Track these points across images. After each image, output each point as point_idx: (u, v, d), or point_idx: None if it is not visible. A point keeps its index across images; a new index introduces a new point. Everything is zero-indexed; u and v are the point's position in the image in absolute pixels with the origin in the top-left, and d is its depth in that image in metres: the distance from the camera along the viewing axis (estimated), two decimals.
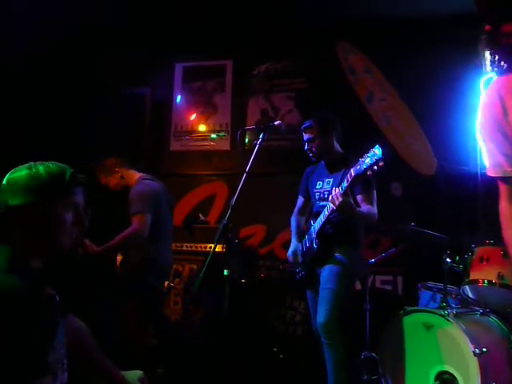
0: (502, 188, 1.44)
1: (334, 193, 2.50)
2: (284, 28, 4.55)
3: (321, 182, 2.88)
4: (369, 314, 3.29)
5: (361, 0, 4.20)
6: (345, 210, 2.55)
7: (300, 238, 2.95)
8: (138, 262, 3.08)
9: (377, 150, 2.33)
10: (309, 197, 3.00)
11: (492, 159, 1.43)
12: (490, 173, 1.45)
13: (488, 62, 1.40)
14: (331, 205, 2.52)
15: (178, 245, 3.91)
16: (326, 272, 2.67)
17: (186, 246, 3.99)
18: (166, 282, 3.56)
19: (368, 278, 3.53)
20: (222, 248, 2.37)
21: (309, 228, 2.86)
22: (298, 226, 3.01)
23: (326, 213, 2.63)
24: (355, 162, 2.44)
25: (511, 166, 1.38)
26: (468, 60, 4.07)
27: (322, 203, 2.81)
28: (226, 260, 2.26)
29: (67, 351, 1.19)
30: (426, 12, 4.15)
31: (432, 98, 4.16)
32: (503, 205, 1.44)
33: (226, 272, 2.19)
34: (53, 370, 1.10)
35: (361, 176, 2.41)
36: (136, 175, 3.25)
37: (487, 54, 1.38)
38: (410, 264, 3.94)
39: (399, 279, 4.20)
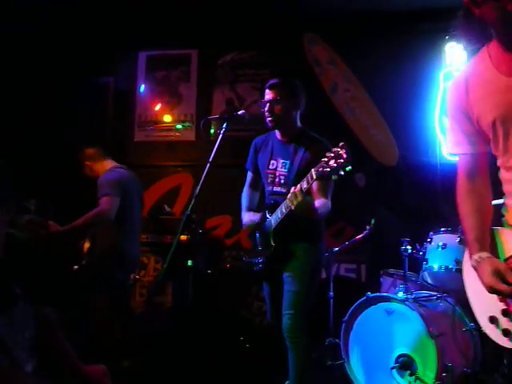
0: (461, 165, 1.51)
1: (292, 190, 2.25)
2: (250, 18, 4.53)
3: (274, 162, 2.59)
4: (333, 301, 3.37)
5: None
6: (303, 212, 2.33)
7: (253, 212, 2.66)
8: (106, 253, 3.02)
9: (342, 152, 2.07)
10: (257, 174, 2.72)
11: (453, 137, 1.51)
12: (451, 150, 1.52)
13: (448, 56, 1.44)
14: (290, 205, 2.26)
15: (144, 236, 3.85)
16: (288, 274, 2.50)
17: (152, 238, 3.94)
18: (132, 274, 3.52)
19: (332, 267, 3.60)
20: (187, 239, 2.34)
21: (263, 221, 2.59)
22: (250, 201, 2.73)
23: (284, 211, 2.38)
24: (312, 159, 2.29)
25: (470, 143, 1.45)
26: (429, 53, 4.20)
27: (276, 189, 2.57)
28: (190, 250, 2.23)
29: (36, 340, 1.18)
30: (389, 5, 4.23)
31: (394, 89, 4.25)
32: (460, 182, 1.51)
33: (190, 262, 2.17)
34: (7, 350, 1.08)
35: (321, 177, 2.15)
36: (109, 164, 3.20)
37: (458, 38, 1.40)
38: (372, 252, 4.05)
39: (362, 267, 4.31)
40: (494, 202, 1.51)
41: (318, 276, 2.71)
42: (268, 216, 2.57)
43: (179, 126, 4.82)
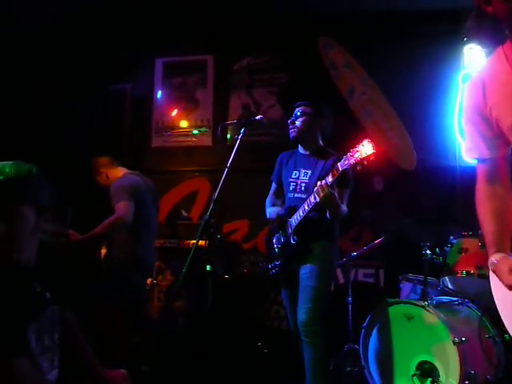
0: (480, 170, 1.48)
1: (319, 184, 2.43)
2: (265, 22, 4.54)
3: (297, 172, 2.78)
4: (351, 307, 3.33)
5: None
6: (329, 203, 2.49)
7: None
8: (123, 259, 3.05)
9: (366, 145, 2.28)
10: (281, 186, 2.91)
11: (471, 141, 1.48)
12: (470, 155, 1.50)
13: (466, 58, 1.42)
14: (316, 197, 2.43)
15: (161, 241, 3.88)
16: (307, 270, 2.60)
17: (170, 243, 3.96)
18: (149, 279, 3.54)
19: (350, 272, 3.57)
20: (205, 244, 2.35)
21: (284, 223, 2.74)
22: (274, 203, 2.92)
23: (306, 208, 2.55)
24: (339, 157, 2.41)
25: (489, 147, 1.43)
26: (448, 54, 4.15)
27: (297, 195, 2.73)
28: (209, 255, 2.24)
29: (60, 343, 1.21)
30: (405, 6, 4.19)
31: (412, 92, 4.20)
32: (479, 186, 1.48)
33: (208, 267, 2.17)
34: (34, 357, 1.10)
35: (347, 171, 2.38)
36: (121, 172, 3.22)
37: (472, 39, 1.38)
38: (391, 257, 3.99)
39: (381, 272, 4.25)
40: None
41: (334, 276, 2.86)
42: (288, 218, 2.73)
43: (196, 132, 4.86)
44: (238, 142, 2.36)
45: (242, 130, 2.40)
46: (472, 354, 2.53)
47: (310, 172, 2.72)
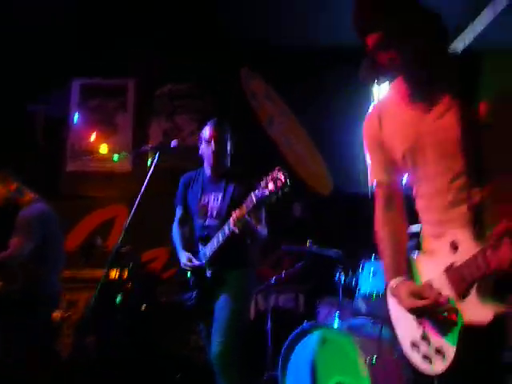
0: (378, 194, 1.57)
1: (234, 215, 2.30)
2: (189, 49, 4.59)
3: (206, 197, 2.65)
4: (271, 334, 3.33)
5: (264, 29, 4.39)
6: (247, 232, 2.40)
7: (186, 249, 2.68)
8: (26, 291, 2.85)
9: (280, 175, 2.18)
10: (187, 209, 2.76)
11: (371, 168, 1.58)
12: (370, 180, 1.59)
13: (376, 91, 1.53)
14: (233, 228, 2.31)
15: (74, 271, 3.65)
16: (222, 300, 2.50)
17: (81, 273, 3.73)
18: (59, 313, 3.30)
19: (270, 298, 3.59)
20: (117, 274, 2.24)
21: (196, 253, 2.61)
22: (182, 238, 2.73)
23: (221, 239, 2.43)
24: (251, 179, 2.36)
25: (386, 173, 1.53)
26: (360, 87, 4.44)
27: (208, 222, 2.60)
28: (120, 286, 2.13)
29: None
30: (323, 42, 4.45)
31: (328, 122, 4.44)
32: (378, 211, 1.57)
33: (118, 299, 2.06)
34: None
35: (261, 202, 2.24)
36: (28, 196, 3.05)
37: (366, 79, 1.49)
38: (311, 281, 4.08)
39: (301, 297, 4.33)
40: (414, 227, 1.58)
41: (250, 303, 2.76)
42: (201, 248, 2.60)
43: (117, 157, 4.70)
44: (153, 167, 2.31)
45: (157, 155, 2.36)
46: (383, 373, 2.61)
47: (220, 196, 2.61)
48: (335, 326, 2.73)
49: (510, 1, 3.81)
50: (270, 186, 2.18)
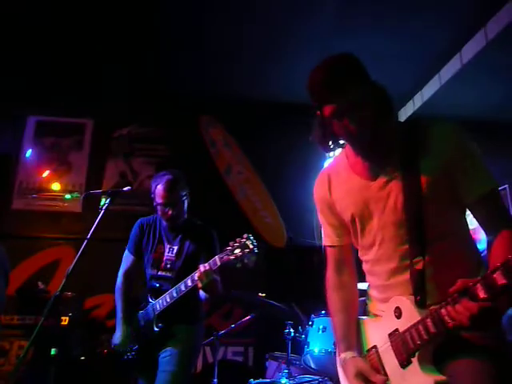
0: (329, 256, 1.59)
1: (202, 269, 2.22)
2: (150, 94, 4.63)
3: (162, 247, 2.55)
4: None
5: (224, 79, 4.52)
6: (211, 289, 2.31)
7: (128, 315, 2.53)
8: None
9: (249, 243, 2.18)
10: (140, 256, 2.62)
11: (323, 230, 1.60)
12: (323, 242, 1.60)
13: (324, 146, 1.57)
14: (196, 281, 2.24)
15: (8, 318, 3.39)
16: (167, 354, 2.39)
17: (18, 320, 3.47)
18: None
19: (219, 350, 3.47)
20: (53, 321, 2.10)
21: (145, 306, 2.51)
22: (125, 298, 2.56)
23: (175, 295, 2.36)
24: (209, 233, 2.38)
25: (337, 235, 1.55)
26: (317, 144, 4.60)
27: (161, 273, 2.50)
28: (59, 335, 2.00)
29: None
30: (282, 96, 4.62)
31: (284, 174, 4.54)
32: (329, 273, 1.58)
33: (53, 351, 1.92)
34: None
35: (225, 263, 2.20)
36: None
37: (317, 143, 1.54)
38: (261, 335, 4.01)
39: (250, 350, 4.23)
40: (362, 285, 1.60)
41: (196, 359, 2.63)
42: (151, 300, 2.50)
43: (68, 196, 4.55)
44: (103, 211, 2.24)
45: (108, 200, 2.29)
46: None
47: (176, 248, 2.53)
48: (282, 382, 2.66)
49: (454, 73, 4.15)
50: (237, 251, 2.19)
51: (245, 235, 2.22)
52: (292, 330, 2.97)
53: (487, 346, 1.25)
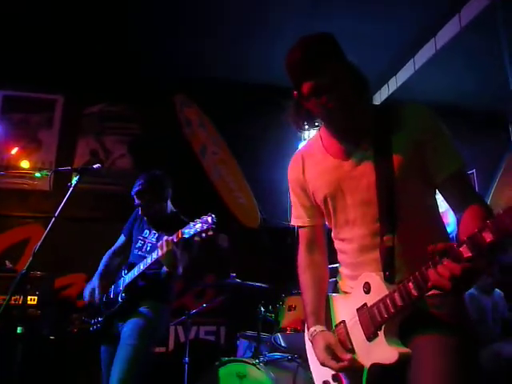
0: (302, 236, 1.61)
1: (165, 238, 2.41)
2: (124, 72, 4.52)
3: (147, 231, 2.78)
4: (188, 366, 3.23)
5: (200, 59, 4.45)
6: (169, 260, 2.46)
7: (106, 279, 2.75)
8: None
9: (209, 219, 2.33)
10: (130, 240, 2.85)
11: (294, 210, 1.61)
12: (293, 222, 1.61)
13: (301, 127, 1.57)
14: (159, 251, 2.43)
15: None
16: (129, 327, 2.49)
17: None
18: None
19: (191, 330, 3.50)
20: (15, 300, 2.07)
21: (118, 279, 2.68)
22: (107, 266, 2.81)
23: (142, 267, 2.51)
24: (186, 224, 2.45)
25: (309, 216, 1.57)
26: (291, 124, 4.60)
27: (141, 253, 2.70)
28: (22, 315, 1.97)
29: None
30: (258, 77, 4.59)
31: (259, 156, 4.53)
32: (301, 252, 1.60)
33: (19, 329, 1.90)
34: None
35: (187, 238, 2.39)
36: None
37: (291, 123, 1.54)
38: (232, 314, 4.05)
39: (222, 329, 4.27)
40: (332, 266, 1.63)
41: (158, 337, 2.70)
42: (123, 274, 2.67)
43: (38, 175, 4.43)
44: (72, 189, 2.21)
45: (77, 177, 2.26)
46: None
47: (157, 234, 2.71)
48: (252, 361, 2.71)
49: (428, 58, 4.20)
50: (198, 226, 2.33)
51: (209, 215, 2.35)
52: (263, 310, 3.01)
53: (451, 322, 1.29)
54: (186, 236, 2.36)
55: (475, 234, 1.04)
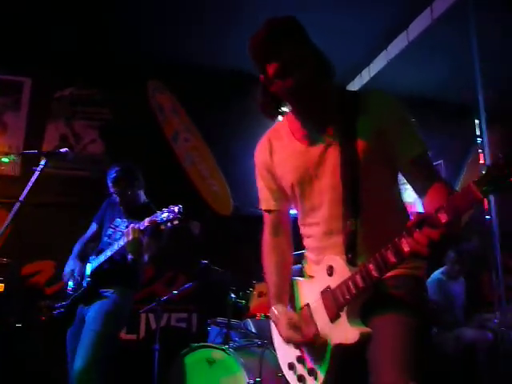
0: (267, 220, 1.63)
1: (131, 226, 2.48)
2: (96, 56, 4.41)
3: (119, 220, 2.84)
4: (158, 353, 3.23)
5: (174, 44, 4.38)
6: (134, 248, 2.52)
7: (81, 261, 2.79)
8: None
9: (176, 208, 2.39)
10: (102, 228, 2.91)
11: (261, 194, 1.62)
12: (260, 206, 1.63)
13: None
14: (125, 238, 2.48)
15: None
16: (93, 311, 2.54)
17: None
18: None
19: (162, 317, 3.49)
20: None
21: (86, 263, 2.74)
22: (81, 250, 2.86)
23: (109, 253, 2.58)
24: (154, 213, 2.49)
25: (275, 199, 1.58)
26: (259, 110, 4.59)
27: (109, 240, 2.75)
28: None
29: None
30: (232, 65, 4.54)
31: (232, 143, 4.51)
32: (266, 237, 1.62)
33: None
34: None
35: (154, 226, 2.45)
36: None
37: (259, 109, 1.54)
38: (204, 301, 4.06)
39: (194, 316, 4.28)
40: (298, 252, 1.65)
41: (123, 322, 2.77)
42: (91, 259, 2.73)
43: (5, 160, 4.30)
44: (37, 174, 2.16)
45: (43, 161, 2.21)
46: None
47: (127, 223, 2.74)
48: (222, 347, 2.73)
49: (400, 50, 4.25)
50: (164, 215, 2.39)
51: (176, 206, 2.42)
52: (233, 296, 3.04)
53: (410, 302, 1.33)
54: (150, 223, 2.42)
55: (450, 199, 1.08)
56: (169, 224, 2.37)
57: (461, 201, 1.05)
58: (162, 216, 2.39)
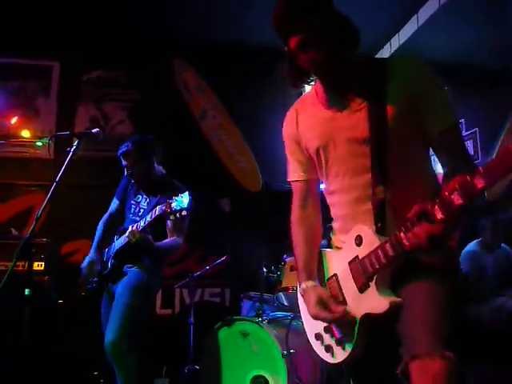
0: (295, 191, 1.62)
1: (130, 229, 2.51)
2: (121, 37, 4.43)
3: (140, 196, 2.82)
4: (193, 327, 3.32)
5: (198, 21, 4.34)
6: (142, 247, 2.57)
7: (101, 248, 2.85)
8: None
9: (185, 199, 2.33)
10: (123, 204, 2.91)
11: (289, 166, 1.61)
12: (289, 178, 1.62)
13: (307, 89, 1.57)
14: (129, 239, 2.52)
15: None
16: (120, 287, 2.59)
17: None
18: None
19: (195, 292, 3.57)
20: (23, 266, 2.13)
21: (111, 243, 2.80)
22: (103, 235, 2.89)
23: (126, 239, 2.59)
24: (165, 200, 2.45)
25: (302, 171, 1.57)
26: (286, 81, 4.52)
27: (134, 217, 2.76)
28: (28, 278, 2.02)
29: None
30: (257, 40, 4.47)
31: (259, 119, 4.48)
32: (294, 207, 1.61)
33: (27, 291, 1.95)
34: None
35: (165, 215, 2.42)
36: None
37: (286, 79, 1.52)
38: (236, 276, 4.12)
39: (227, 291, 4.36)
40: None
41: (152, 295, 2.81)
42: (115, 239, 2.78)
43: (39, 144, 4.42)
44: (71, 155, 2.20)
45: (76, 142, 2.25)
46: (300, 364, 2.70)
47: (148, 200, 2.76)
48: (256, 319, 2.77)
49: (430, 15, 4.08)
50: (173, 205, 2.34)
51: (187, 192, 2.38)
52: (265, 270, 3.07)
53: (442, 269, 1.31)
54: (160, 214, 2.39)
55: (445, 196, 1.08)
56: (177, 215, 2.34)
57: (498, 165, 1.02)
58: (171, 206, 2.33)
